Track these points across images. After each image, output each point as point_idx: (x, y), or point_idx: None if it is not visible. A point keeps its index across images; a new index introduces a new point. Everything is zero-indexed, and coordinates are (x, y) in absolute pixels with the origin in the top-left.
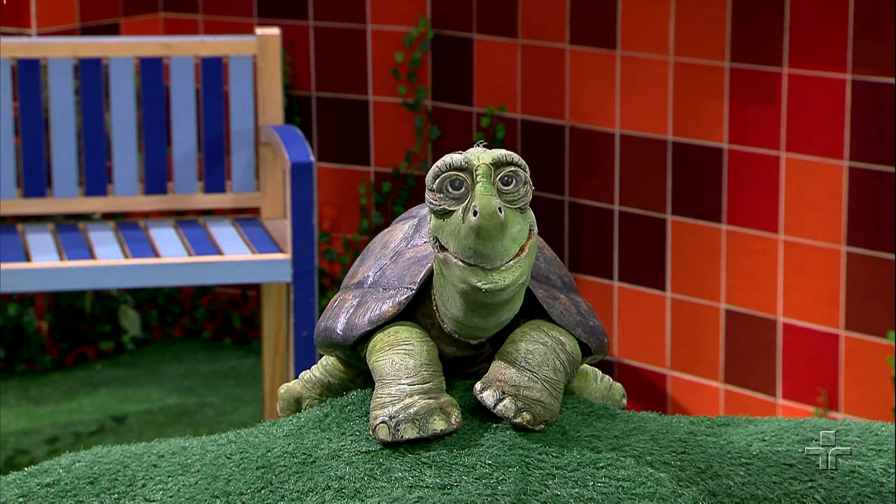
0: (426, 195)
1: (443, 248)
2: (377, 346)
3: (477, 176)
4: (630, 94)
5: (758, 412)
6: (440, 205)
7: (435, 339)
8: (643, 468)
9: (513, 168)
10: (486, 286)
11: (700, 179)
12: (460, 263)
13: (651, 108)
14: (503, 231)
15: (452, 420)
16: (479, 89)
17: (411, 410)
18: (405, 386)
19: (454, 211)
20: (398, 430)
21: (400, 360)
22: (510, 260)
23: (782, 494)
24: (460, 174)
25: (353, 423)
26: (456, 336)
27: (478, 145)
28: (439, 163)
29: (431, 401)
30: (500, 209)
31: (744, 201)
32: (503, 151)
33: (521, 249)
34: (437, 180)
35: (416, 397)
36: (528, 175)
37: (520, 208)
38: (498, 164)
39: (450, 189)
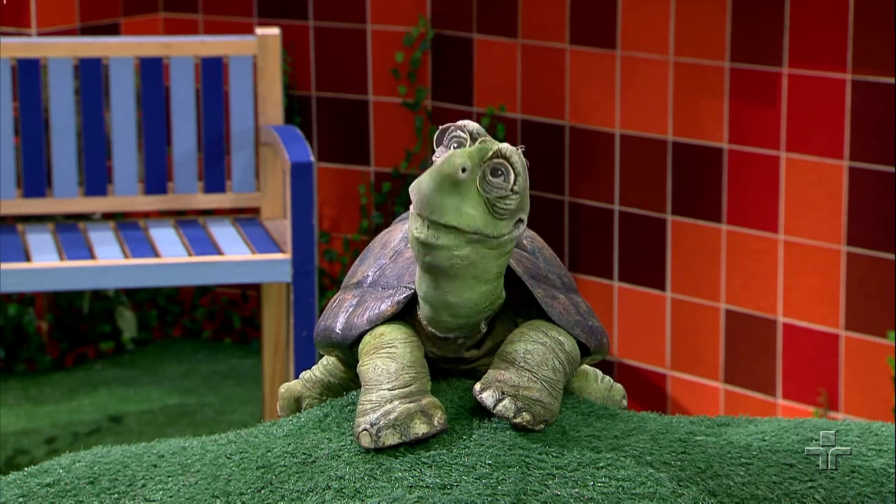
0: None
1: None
2: (364, 350)
3: (473, 142)
4: (630, 94)
5: (758, 412)
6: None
7: (424, 341)
8: (643, 468)
9: (507, 164)
10: (421, 235)
11: (700, 179)
12: (412, 210)
13: (651, 108)
14: (455, 189)
15: (435, 422)
16: (479, 89)
17: (391, 416)
18: (386, 391)
19: None
20: (380, 437)
21: (382, 365)
22: (449, 223)
23: (782, 494)
24: (463, 135)
25: (353, 423)
26: (431, 330)
27: (519, 148)
28: (455, 123)
29: (412, 405)
30: (463, 169)
31: (744, 201)
32: (511, 148)
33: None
34: (445, 134)
35: (397, 402)
36: (522, 187)
37: (498, 212)
38: (497, 154)
39: (452, 147)
